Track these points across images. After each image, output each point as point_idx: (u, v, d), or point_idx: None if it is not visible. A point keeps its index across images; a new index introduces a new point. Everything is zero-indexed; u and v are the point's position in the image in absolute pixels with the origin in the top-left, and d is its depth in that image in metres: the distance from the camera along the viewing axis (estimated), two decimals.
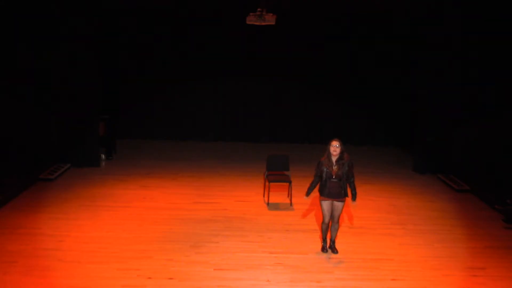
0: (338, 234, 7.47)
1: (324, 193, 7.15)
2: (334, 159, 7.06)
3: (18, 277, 6.37)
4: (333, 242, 7.45)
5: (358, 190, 7.35)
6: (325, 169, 7.08)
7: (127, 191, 9.74)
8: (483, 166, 10.44)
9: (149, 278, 6.49)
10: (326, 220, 7.28)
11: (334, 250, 7.39)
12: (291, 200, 9.32)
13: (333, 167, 7.05)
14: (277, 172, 9.44)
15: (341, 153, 7.05)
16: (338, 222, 7.33)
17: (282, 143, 13.44)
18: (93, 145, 11.25)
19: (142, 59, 13.38)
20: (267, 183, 9.37)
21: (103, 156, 11.62)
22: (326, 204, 7.20)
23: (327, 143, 7.15)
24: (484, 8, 10.09)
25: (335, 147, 7.03)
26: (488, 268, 7.09)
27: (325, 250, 7.41)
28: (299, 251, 7.41)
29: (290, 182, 9.28)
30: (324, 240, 7.46)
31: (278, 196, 9.57)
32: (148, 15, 12.83)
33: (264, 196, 9.61)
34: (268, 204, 9.31)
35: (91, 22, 10.67)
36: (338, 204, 7.18)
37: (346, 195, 7.19)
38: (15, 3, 9.42)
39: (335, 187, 7.10)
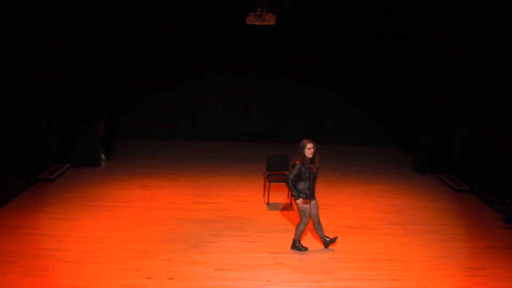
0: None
1: (308, 196, 7.17)
2: (310, 159, 7.12)
3: (18, 277, 6.36)
4: (326, 237, 7.45)
5: (358, 190, 7.38)
6: (308, 171, 7.09)
7: (127, 191, 9.74)
8: (483, 166, 10.43)
9: (149, 278, 6.49)
10: (308, 220, 7.29)
11: (327, 244, 7.43)
12: (291, 200, 9.31)
13: (315, 167, 7.16)
14: (277, 172, 9.44)
15: (315, 152, 7.14)
16: (319, 220, 7.38)
17: (282, 143, 13.42)
18: (93, 145, 11.25)
19: (142, 59, 13.37)
20: (267, 183, 9.37)
21: (103, 156, 11.63)
22: (308, 206, 7.22)
23: (299, 143, 7.20)
24: (484, 8, 10.09)
25: (312, 150, 7.08)
26: (488, 268, 7.09)
27: (304, 249, 7.40)
28: (299, 251, 7.40)
29: None
30: (298, 240, 7.45)
31: (278, 196, 9.58)
32: (148, 15, 12.84)
33: (264, 196, 9.61)
34: (268, 204, 9.31)
35: (91, 22, 10.68)
36: (314, 202, 7.29)
37: None
38: (16, 3, 9.41)
39: (313, 187, 7.23)
